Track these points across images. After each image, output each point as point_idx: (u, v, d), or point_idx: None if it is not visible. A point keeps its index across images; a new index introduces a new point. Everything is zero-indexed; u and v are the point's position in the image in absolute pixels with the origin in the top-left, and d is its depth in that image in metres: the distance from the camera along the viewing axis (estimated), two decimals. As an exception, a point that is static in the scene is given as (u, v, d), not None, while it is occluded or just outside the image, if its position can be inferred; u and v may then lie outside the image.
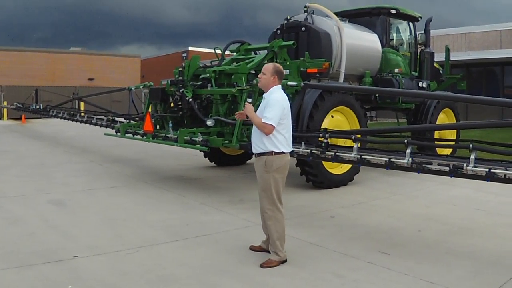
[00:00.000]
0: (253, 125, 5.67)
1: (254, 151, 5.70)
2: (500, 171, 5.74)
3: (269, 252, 5.76)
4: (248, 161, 12.96)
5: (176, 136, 9.54)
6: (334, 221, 7.67)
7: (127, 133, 11.38)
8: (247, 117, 5.78)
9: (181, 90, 10.06)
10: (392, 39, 13.26)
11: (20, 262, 5.56)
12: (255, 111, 5.72)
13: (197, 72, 10.71)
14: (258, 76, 5.75)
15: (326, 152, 7.66)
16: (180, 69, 10.76)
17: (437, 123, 13.20)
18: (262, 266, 5.53)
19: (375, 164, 7.11)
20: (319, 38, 11.05)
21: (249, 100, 5.77)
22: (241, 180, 11.09)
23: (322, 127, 8.88)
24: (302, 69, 9.94)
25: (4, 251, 5.94)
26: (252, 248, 6.06)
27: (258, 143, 5.63)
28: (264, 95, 5.73)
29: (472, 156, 5.98)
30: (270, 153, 5.58)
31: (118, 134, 11.69)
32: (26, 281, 5.04)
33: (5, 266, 5.43)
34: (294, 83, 8.97)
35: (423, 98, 13.05)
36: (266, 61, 10.14)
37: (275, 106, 5.53)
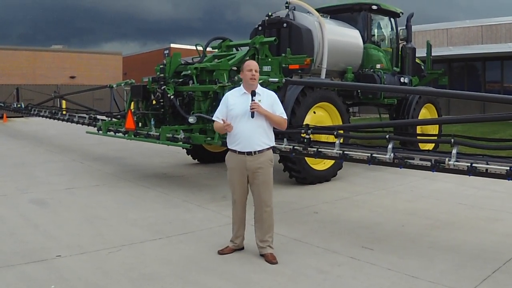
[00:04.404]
0: (251, 123, 5.55)
1: (257, 148, 5.58)
2: (481, 166, 5.78)
3: (239, 250, 5.95)
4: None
5: (158, 134, 9.49)
6: (317, 217, 7.67)
7: (109, 131, 11.32)
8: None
9: (162, 87, 9.99)
10: (374, 35, 13.28)
11: (2, 262, 5.49)
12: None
13: (179, 69, 10.65)
14: (252, 74, 5.58)
15: (309, 148, 7.68)
16: (162, 66, 10.70)
17: (419, 118, 13.27)
18: (274, 262, 5.55)
19: (358, 160, 7.13)
20: (300, 34, 11.04)
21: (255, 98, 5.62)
22: (224, 177, 10.91)
23: (304, 123, 8.89)
24: (284, 65, 9.96)
25: (-16, 252, 5.88)
26: (221, 253, 5.90)
27: (263, 139, 5.62)
28: (258, 91, 5.62)
29: (454, 151, 6.01)
30: (271, 147, 5.74)
31: (100, 132, 11.62)
32: (8, 281, 4.98)
33: (-15, 266, 5.36)
34: (276, 80, 8.97)
35: (405, 94, 13.10)
36: (248, 58, 10.13)
37: (279, 101, 5.78)
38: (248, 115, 5.54)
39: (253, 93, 5.55)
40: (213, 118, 5.89)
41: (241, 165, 5.68)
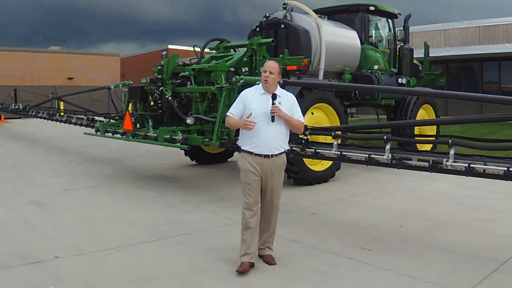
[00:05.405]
0: (271, 126, 5.44)
1: (275, 152, 5.47)
2: (479, 166, 5.80)
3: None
4: (229, 159, 12.94)
5: (156, 135, 9.47)
6: (315, 218, 7.68)
7: (107, 132, 11.29)
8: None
9: (160, 89, 10.00)
10: (371, 36, 13.29)
11: (0, 264, 5.51)
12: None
13: (176, 70, 10.63)
14: (266, 75, 5.50)
15: (307, 149, 7.67)
16: (159, 67, 10.70)
17: (416, 119, 13.28)
18: (272, 263, 5.58)
19: (355, 161, 7.14)
20: (298, 36, 11.04)
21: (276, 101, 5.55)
22: (222, 178, 11.07)
23: (302, 124, 8.87)
24: (281, 66, 9.93)
25: (-18, 253, 5.87)
26: (241, 271, 5.30)
27: (281, 143, 5.54)
28: (277, 93, 5.52)
29: (452, 152, 6.02)
30: (285, 151, 5.68)
31: (98, 133, 11.58)
32: (6, 283, 4.98)
33: (-17, 268, 5.35)
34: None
35: (403, 94, 13.11)
36: (245, 59, 10.13)
37: (298, 104, 5.76)
38: (268, 118, 5.42)
39: (274, 96, 5.46)
40: (227, 114, 5.69)
41: (256, 167, 5.47)
